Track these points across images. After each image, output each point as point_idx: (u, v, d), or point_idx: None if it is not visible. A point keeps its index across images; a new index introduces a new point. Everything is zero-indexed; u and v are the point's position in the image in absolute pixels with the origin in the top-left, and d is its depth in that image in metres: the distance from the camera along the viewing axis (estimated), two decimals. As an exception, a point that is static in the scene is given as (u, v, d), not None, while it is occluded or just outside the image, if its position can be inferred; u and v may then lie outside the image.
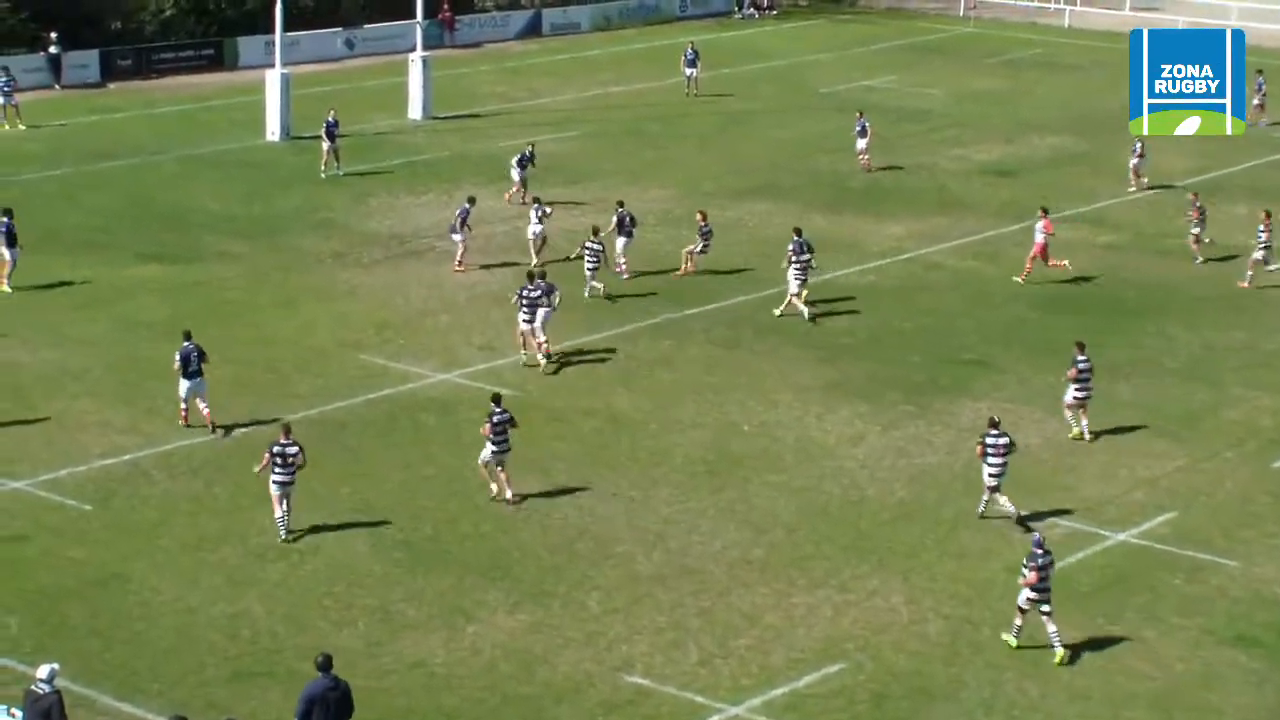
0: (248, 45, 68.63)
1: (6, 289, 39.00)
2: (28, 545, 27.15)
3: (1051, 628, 24.66)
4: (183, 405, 31.78)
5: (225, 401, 32.20)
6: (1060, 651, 24.64)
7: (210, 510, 28.60)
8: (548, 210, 42.38)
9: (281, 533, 27.60)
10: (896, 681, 24.14)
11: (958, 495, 29.98)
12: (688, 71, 64.73)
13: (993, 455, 28.53)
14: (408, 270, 41.57)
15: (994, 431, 28.61)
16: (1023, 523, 28.76)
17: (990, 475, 28.63)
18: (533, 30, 79.36)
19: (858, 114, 54.97)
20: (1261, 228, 42.42)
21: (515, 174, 47.87)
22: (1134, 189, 52.10)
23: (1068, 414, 32.76)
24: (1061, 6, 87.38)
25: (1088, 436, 32.50)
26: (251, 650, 24.21)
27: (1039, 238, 41.97)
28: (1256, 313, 40.87)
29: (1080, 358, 32.51)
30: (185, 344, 31.58)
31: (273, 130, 55.77)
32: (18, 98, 56.85)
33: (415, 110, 59.91)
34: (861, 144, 53.29)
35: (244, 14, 70.51)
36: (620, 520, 28.72)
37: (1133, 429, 33.32)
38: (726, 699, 23.56)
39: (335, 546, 27.40)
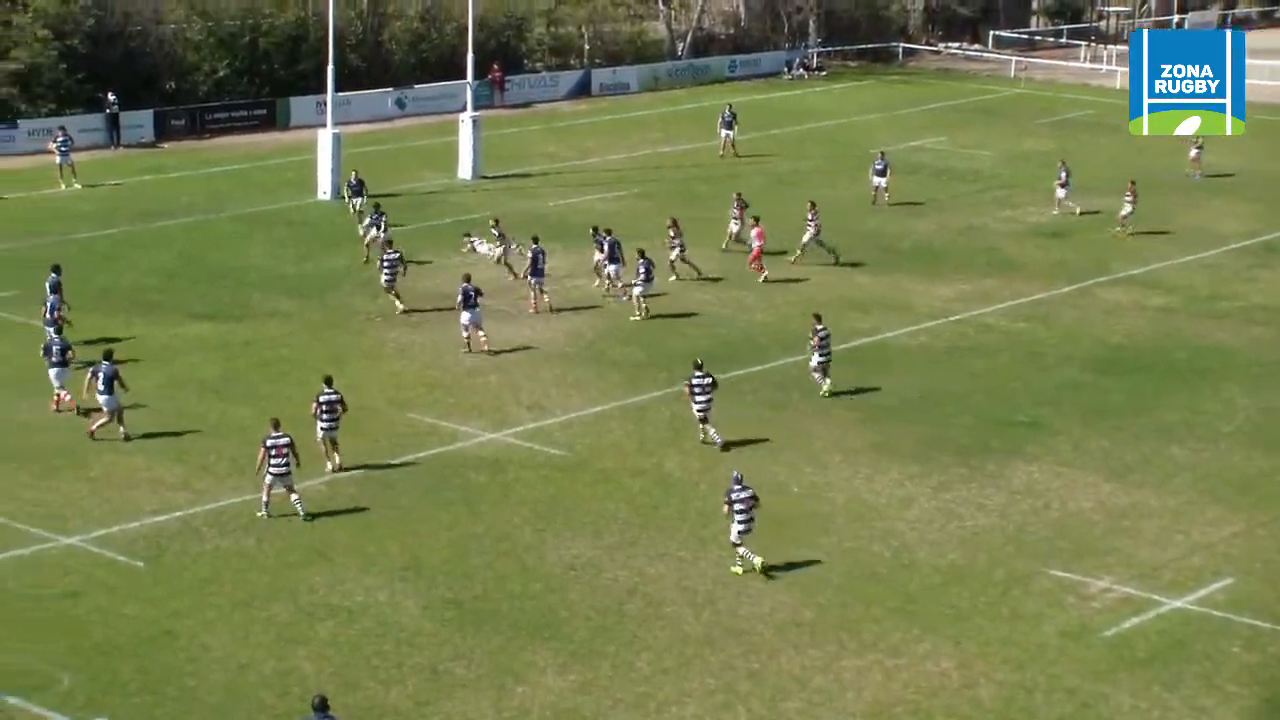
0: (299, 105, 69.28)
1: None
2: (80, 601, 27.23)
3: (746, 549, 28.65)
4: (57, 393, 35.12)
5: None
6: (758, 561, 28.65)
7: (260, 567, 28.65)
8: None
9: (262, 512, 30.38)
10: (948, 747, 23.96)
11: (1010, 558, 29.78)
12: (724, 133, 64.86)
13: (699, 394, 34.17)
14: (457, 329, 41.57)
15: (698, 373, 34.35)
16: (727, 447, 34.18)
17: (698, 410, 34.30)
18: (582, 90, 79.83)
19: (879, 154, 57.49)
20: (810, 217, 48.82)
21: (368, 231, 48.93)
22: (1057, 212, 55.40)
23: (814, 376, 37.66)
24: (1113, 67, 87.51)
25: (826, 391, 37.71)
26: (301, 708, 24.00)
27: (755, 244, 46.84)
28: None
29: (818, 327, 37.53)
30: (54, 337, 35.25)
31: (324, 189, 56.17)
32: (74, 157, 57.40)
33: (465, 170, 60.23)
34: (881, 181, 56.28)
35: (296, 74, 71.22)
36: (670, 581, 28.58)
37: (1188, 493, 33.07)
38: (777, 763, 23.43)
39: (385, 605, 27.38)
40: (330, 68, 57.29)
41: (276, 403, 35.32)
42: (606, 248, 44.93)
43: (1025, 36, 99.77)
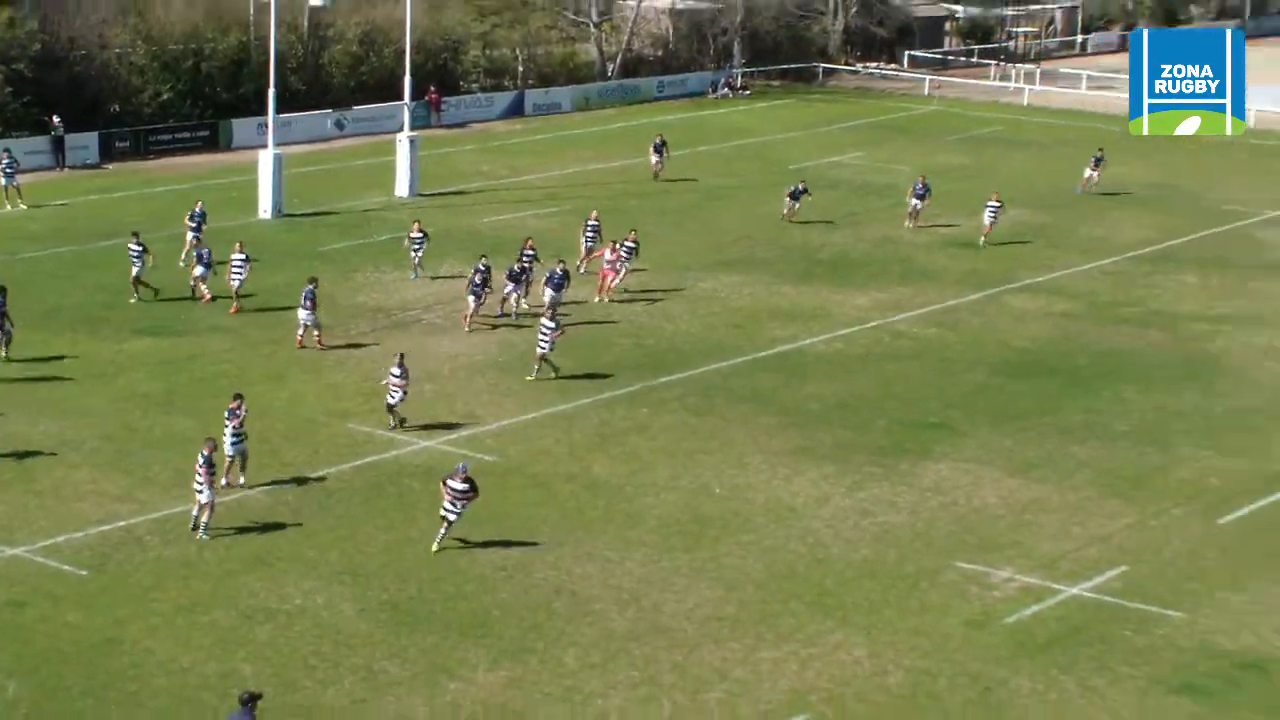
0: (241, 127, 69.98)
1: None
2: (26, 610, 27.78)
3: (443, 531, 30.26)
4: None
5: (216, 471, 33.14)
6: (436, 547, 30.25)
7: (202, 574, 29.29)
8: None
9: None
10: (857, 730, 24.99)
11: (919, 553, 30.99)
12: (654, 158, 65.69)
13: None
14: (394, 342, 42.31)
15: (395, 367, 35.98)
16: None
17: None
18: (516, 110, 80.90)
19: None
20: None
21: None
22: (909, 224, 56.40)
23: (537, 364, 39.92)
24: (1021, 85, 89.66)
25: (541, 375, 39.88)
26: (243, 708, 25.01)
27: (606, 265, 47.22)
28: (1209, 378, 42.10)
29: (548, 322, 39.61)
30: None
31: (265, 208, 56.98)
32: (19, 179, 57.95)
33: (402, 188, 61.13)
34: (795, 204, 57.14)
35: (238, 97, 71.96)
36: (597, 580, 29.52)
37: (1087, 489, 34.40)
38: (696, 750, 24.32)
39: (323, 608, 28.13)
40: (271, 90, 58.15)
41: (219, 416, 36.21)
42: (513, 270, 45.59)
43: (939, 56, 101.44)
